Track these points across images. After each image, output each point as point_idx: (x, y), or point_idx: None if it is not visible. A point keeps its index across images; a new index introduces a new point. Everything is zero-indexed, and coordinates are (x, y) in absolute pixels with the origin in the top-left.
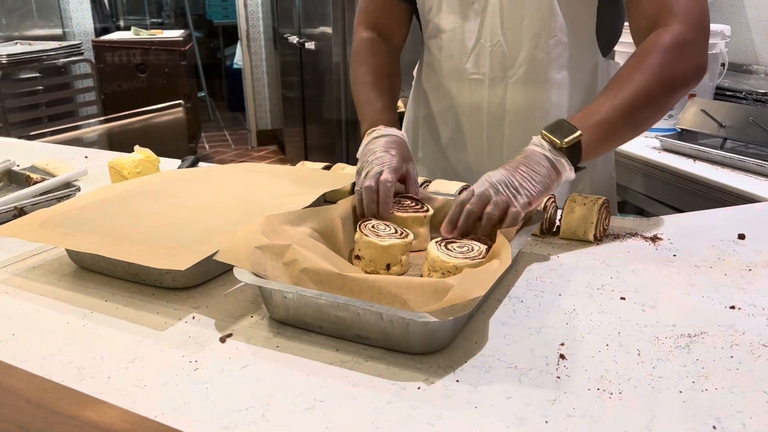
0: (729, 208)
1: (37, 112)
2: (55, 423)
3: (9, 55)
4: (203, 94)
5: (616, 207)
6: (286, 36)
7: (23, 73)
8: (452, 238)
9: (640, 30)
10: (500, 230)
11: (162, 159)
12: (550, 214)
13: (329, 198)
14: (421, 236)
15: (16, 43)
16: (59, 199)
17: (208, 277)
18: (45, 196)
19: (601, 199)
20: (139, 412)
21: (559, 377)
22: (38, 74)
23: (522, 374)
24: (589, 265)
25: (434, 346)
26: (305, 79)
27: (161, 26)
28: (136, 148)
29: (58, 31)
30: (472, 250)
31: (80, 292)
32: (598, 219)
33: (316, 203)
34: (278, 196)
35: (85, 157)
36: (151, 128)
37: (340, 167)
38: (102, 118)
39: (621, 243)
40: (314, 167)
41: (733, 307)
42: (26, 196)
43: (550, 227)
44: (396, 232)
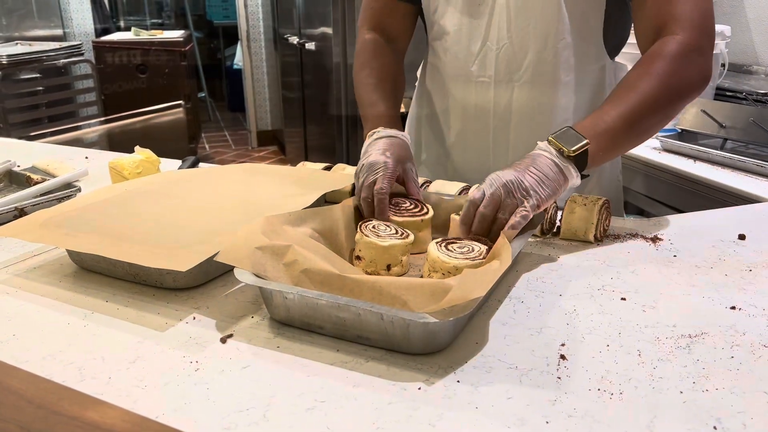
0: (729, 208)
1: (38, 112)
2: (56, 423)
3: (9, 56)
4: (203, 94)
5: (622, 210)
6: (286, 36)
7: (24, 74)
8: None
9: (645, 37)
10: (502, 231)
11: (162, 159)
12: (550, 214)
13: (330, 198)
14: (420, 239)
15: (17, 43)
16: (60, 200)
17: (209, 277)
18: (45, 197)
19: (601, 199)
20: (140, 412)
21: (559, 378)
22: (38, 75)
23: (523, 375)
24: (590, 266)
25: (435, 347)
26: (305, 80)
27: (161, 27)
28: (137, 148)
29: (59, 32)
30: (473, 250)
31: (81, 293)
32: (598, 219)
33: (317, 204)
34: (279, 196)
35: (86, 158)
36: (152, 129)
37: (340, 168)
38: (102, 119)
39: (621, 243)
40: (314, 168)
41: (733, 308)
42: (27, 196)
43: (551, 228)
44: (396, 233)
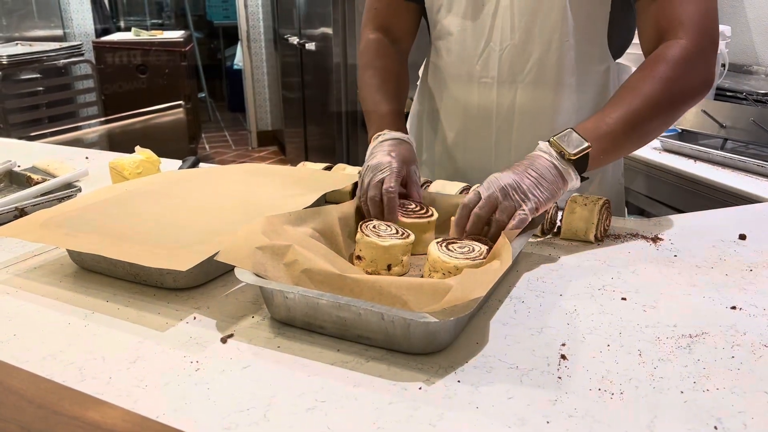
0: (730, 208)
1: (38, 112)
2: (57, 423)
3: (9, 56)
4: (204, 94)
5: (624, 211)
6: (286, 37)
7: (24, 74)
8: (455, 238)
9: (649, 40)
10: (503, 231)
11: (162, 160)
12: (551, 214)
13: (330, 199)
14: (424, 241)
15: (17, 44)
16: (60, 200)
17: (209, 277)
18: (46, 197)
19: (601, 199)
20: (141, 412)
21: (560, 377)
22: (39, 75)
23: (523, 374)
24: (590, 266)
25: (435, 347)
26: (305, 80)
27: (161, 27)
28: (137, 148)
29: (59, 32)
30: (473, 250)
31: (81, 293)
32: (599, 219)
33: (317, 204)
34: (279, 196)
35: (86, 158)
36: (152, 129)
37: (340, 168)
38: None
39: (622, 243)
40: (315, 168)
41: (734, 308)
42: (27, 196)
43: (551, 228)
44: (397, 233)
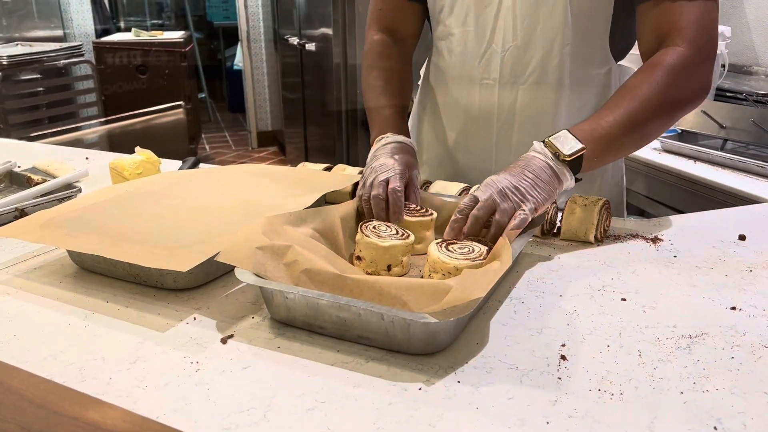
0: (729, 209)
1: (38, 113)
2: (57, 424)
3: (10, 57)
4: (204, 95)
5: (624, 212)
6: (286, 37)
7: (24, 75)
8: (453, 239)
9: (648, 45)
10: (504, 231)
11: (163, 160)
12: (550, 215)
13: (330, 199)
14: (427, 240)
15: (17, 44)
16: (60, 201)
17: (209, 278)
18: (46, 198)
19: (601, 200)
20: (141, 412)
21: (560, 378)
22: (39, 75)
23: (523, 375)
24: (590, 266)
25: (435, 347)
26: (305, 81)
27: (162, 27)
28: (137, 149)
29: (59, 33)
30: (473, 251)
31: (81, 293)
32: (598, 220)
33: (317, 204)
34: (279, 196)
35: (86, 159)
36: (152, 129)
37: (340, 168)
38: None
39: (622, 244)
40: (315, 168)
41: (733, 308)
42: (27, 197)
43: (551, 228)
44: (397, 233)
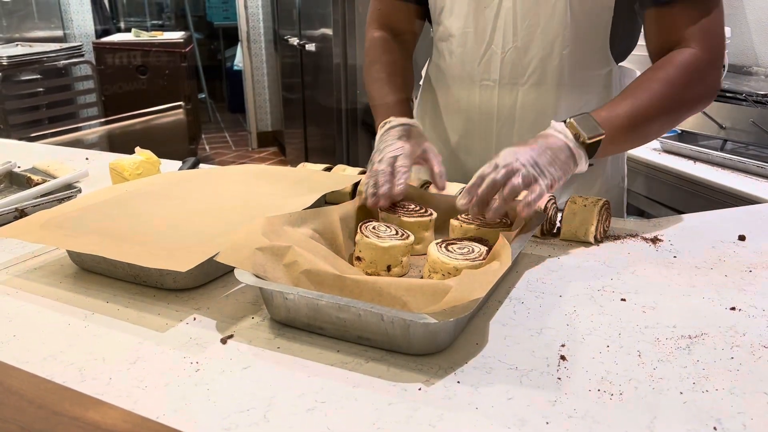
0: (729, 209)
1: (38, 113)
2: (57, 424)
3: (10, 57)
4: (204, 95)
5: (624, 213)
6: (286, 38)
7: (24, 75)
8: (465, 208)
9: (657, 48)
10: (502, 231)
11: (163, 160)
12: (550, 215)
13: (330, 199)
14: (426, 240)
15: (17, 44)
16: (60, 201)
17: (209, 278)
18: (46, 198)
19: (601, 200)
20: (141, 413)
21: (559, 378)
22: (39, 76)
23: (523, 375)
24: (590, 267)
25: (435, 348)
26: (305, 81)
27: (162, 28)
28: (137, 149)
29: (59, 33)
30: (473, 251)
31: (81, 294)
32: (598, 220)
33: (317, 204)
34: (279, 197)
35: (86, 159)
36: (152, 130)
37: (340, 168)
38: (103, 120)
39: (621, 244)
40: (315, 169)
41: (733, 309)
42: (27, 197)
43: (551, 229)
44: (396, 234)
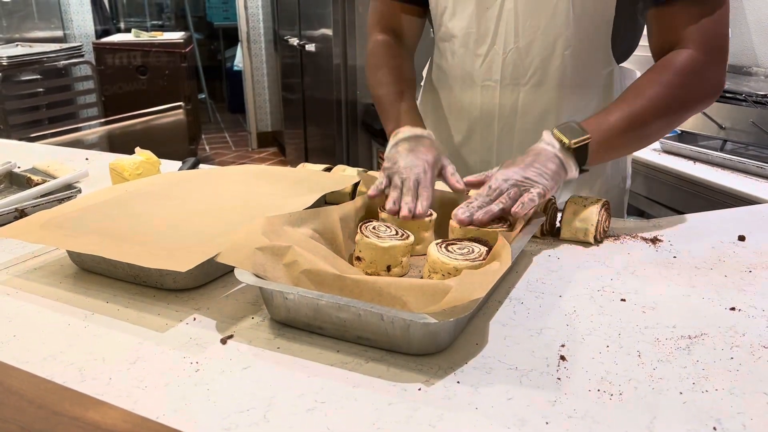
0: (729, 209)
1: (38, 113)
2: (58, 424)
3: (10, 57)
4: (204, 96)
5: (624, 213)
6: (286, 38)
7: (24, 75)
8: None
9: (657, 48)
10: (501, 232)
11: (163, 161)
12: (550, 215)
13: (330, 200)
14: (426, 241)
15: (17, 45)
16: (60, 201)
17: (209, 278)
18: (46, 198)
19: (601, 200)
20: (141, 413)
21: (559, 378)
22: (39, 76)
23: (522, 375)
24: (590, 267)
25: (435, 348)
26: (305, 81)
27: (162, 28)
28: (137, 149)
29: (59, 33)
30: (473, 251)
31: (81, 294)
32: (598, 220)
33: (317, 205)
34: (279, 197)
35: (86, 159)
36: (152, 130)
37: (340, 169)
38: (103, 120)
39: (621, 244)
40: (315, 169)
41: (733, 309)
42: (27, 197)
43: (551, 229)
44: (396, 234)
